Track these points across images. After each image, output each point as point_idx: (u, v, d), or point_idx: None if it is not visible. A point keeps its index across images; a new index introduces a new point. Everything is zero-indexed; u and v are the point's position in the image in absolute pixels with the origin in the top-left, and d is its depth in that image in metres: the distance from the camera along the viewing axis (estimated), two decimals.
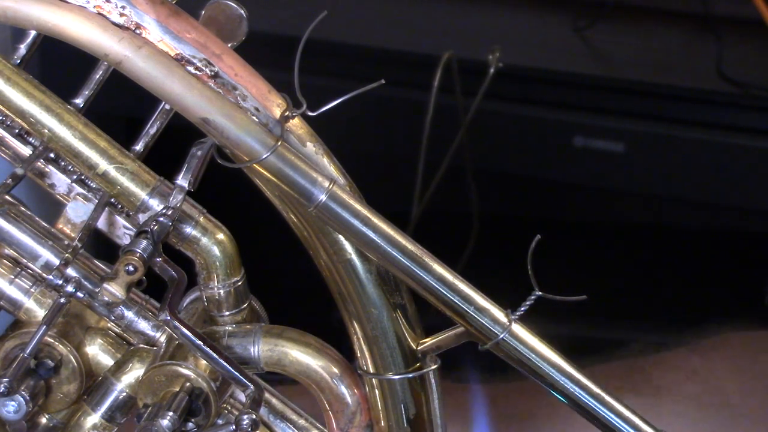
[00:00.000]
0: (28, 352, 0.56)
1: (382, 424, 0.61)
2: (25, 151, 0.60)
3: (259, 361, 0.60)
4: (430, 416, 0.61)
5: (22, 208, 0.60)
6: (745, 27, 1.55)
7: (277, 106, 0.56)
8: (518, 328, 0.58)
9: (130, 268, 0.54)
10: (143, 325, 0.60)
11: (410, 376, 0.60)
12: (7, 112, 0.57)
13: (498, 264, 1.10)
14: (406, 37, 1.62)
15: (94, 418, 0.59)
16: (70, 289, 0.56)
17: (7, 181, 0.58)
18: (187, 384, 0.57)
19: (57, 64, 0.99)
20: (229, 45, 0.58)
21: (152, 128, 0.64)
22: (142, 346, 0.60)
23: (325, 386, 0.61)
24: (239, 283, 0.59)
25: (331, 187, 0.55)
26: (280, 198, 0.57)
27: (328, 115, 0.56)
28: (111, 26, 0.54)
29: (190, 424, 0.57)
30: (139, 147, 0.63)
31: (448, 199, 1.31)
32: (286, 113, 0.56)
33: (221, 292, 0.59)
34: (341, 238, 0.57)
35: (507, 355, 0.58)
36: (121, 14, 0.54)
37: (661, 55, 1.63)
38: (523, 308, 0.58)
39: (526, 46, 1.60)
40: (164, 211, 0.57)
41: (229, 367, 0.56)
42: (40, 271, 0.59)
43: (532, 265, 0.59)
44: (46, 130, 0.57)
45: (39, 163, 0.60)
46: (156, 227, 0.56)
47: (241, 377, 0.56)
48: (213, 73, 0.55)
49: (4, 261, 0.59)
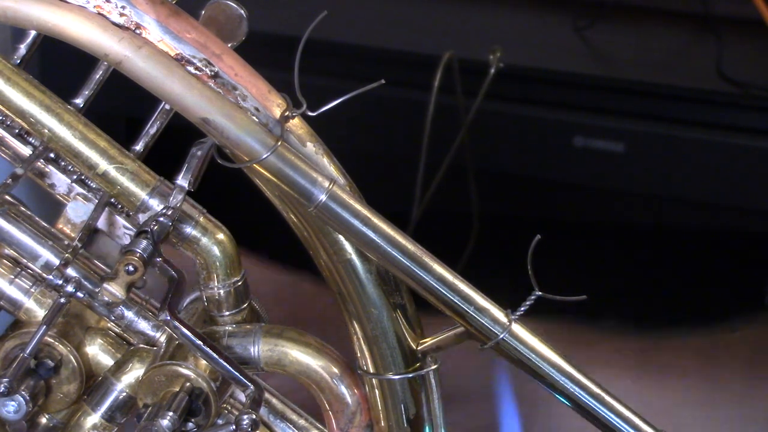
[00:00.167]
0: (28, 352, 0.56)
1: (382, 424, 0.61)
2: (25, 151, 0.60)
3: (259, 361, 0.60)
4: (431, 416, 0.61)
5: (22, 208, 0.60)
6: (745, 27, 1.55)
7: (277, 106, 0.56)
8: (518, 328, 0.58)
9: (130, 268, 0.54)
10: (143, 325, 0.60)
11: (410, 376, 0.60)
12: (7, 112, 0.57)
13: (498, 264, 1.10)
14: (406, 37, 1.62)
15: (94, 418, 0.59)
16: (70, 289, 0.56)
17: (7, 181, 0.58)
18: (187, 384, 0.57)
19: (57, 64, 0.99)
20: (229, 45, 0.58)
21: (152, 128, 0.64)
22: (142, 346, 0.60)
23: (325, 386, 0.61)
24: (239, 283, 0.59)
25: (331, 187, 0.55)
26: (280, 198, 0.57)
27: (328, 115, 0.56)
28: (111, 26, 0.54)
29: (190, 424, 0.57)
30: (139, 147, 0.63)
31: (448, 199, 1.31)
32: (286, 113, 0.56)
33: (221, 292, 0.59)
34: (341, 238, 0.57)
35: (507, 355, 0.58)
36: (121, 14, 0.54)
37: (661, 55, 1.63)
38: (523, 308, 0.58)
39: (526, 46, 1.60)
40: (164, 211, 0.57)
41: (229, 367, 0.56)
42: (40, 271, 0.59)
43: (532, 265, 0.59)
44: (46, 130, 0.57)
45: (39, 163, 0.60)
46: (156, 227, 0.56)
47: (241, 377, 0.56)
48: (213, 73, 0.55)
49: (4, 261, 0.59)
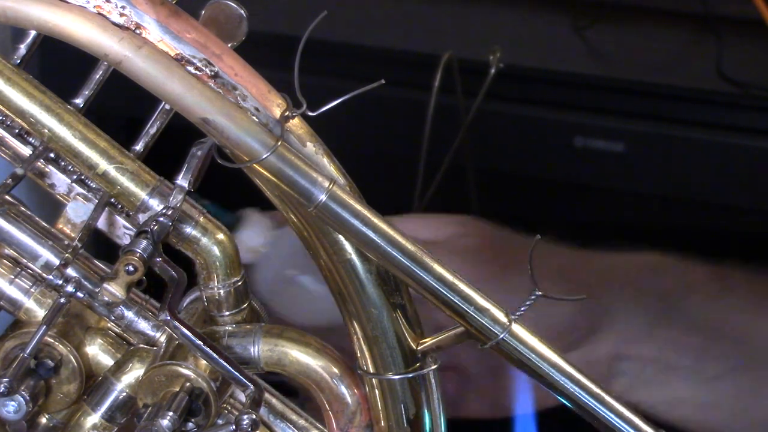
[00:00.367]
0: (28, 352, 0.56)
1: (382, 424, 0.61)
2: (25, 151, 0.60)
3: (259, 361, 0.60)
4: (431, 416, 0.60)
5: (22, 208, 0.60)
6: (745, 27, 1.54)
7: (277, 106, 0.56)
8: (518, 328, 0.57)
9: (130, 268, 0.54)
10: (143, 325, 0.60)
11: (410, 376, 0.60)
12: (7, 112, 0.57)
13: None
14: (406, 37, 1.62)
15: (94, 418, 0.59)
16: (70, 289, 0.56)
17: (7, 181, 0.58)
18: (187, 384, 0.57)
19: (57, 64, 0.99)
20: (229, 45, 0.58)
21: (152, 128, 0.64)
22: (142, 346, 0.60)
23: (325, 386, 0.61)
24: (239, 283, 0.59)
25: (331, 187, 0.55)
26: (280, 198, 0.57)
27: (328, 115, 0.56)
28: (111, 26, 0.54)
29: (190, 424, 0.57)
30: (139, 147, 0.63)
31: (448, 199, 1.31)
32: (286, 113, 0.56)
33: (221, 292, 0.59)
34: (341, 238, 0.57)
35: (507, 355, 0.58)
36: (121, 14, 0.54)
37: (661, 55, 1.63)
38: (523, 308, 0.58)
39: (526, 46, 1.61)
40: (164, 211, 0.57)
41: (229, 367, 0.56)
42: (40, 271, 0.59)
43: (532, 265, 0.59)
44: (46, 130, 0.57)
45: (39, 163, 0.60)
46: (156, 227, 0.56)
47: (241, 377, 0.56)
48: (213, 73, 0.55)
49: (4, 261, 0.59)
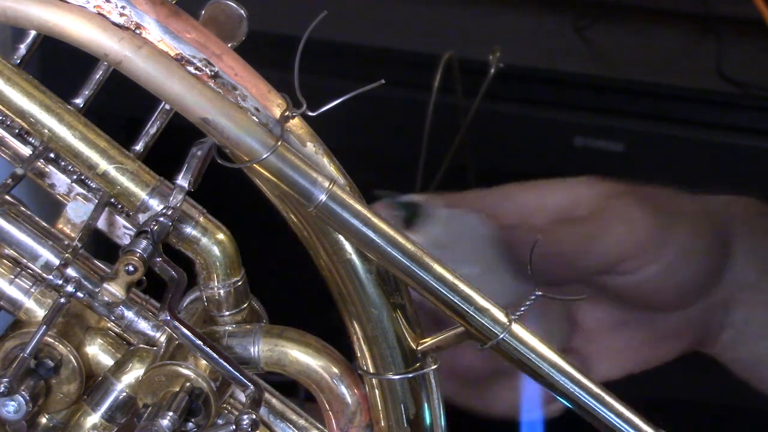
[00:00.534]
0: (28, 352, 0.56)
1: (382, 424, 0.61)
2: (25, 151, 0.60)
3: (259, 361, 0.60)
4: (431, 416, 0.60)
5: (22, 208, 0.60)
6: (745, 27, 1.55)
7: (277, 106, 0.56)
8: (518, 328, 0.57)
9: (130, 268, 0.54)
10: (143, 325, 0.60)
11: (410, 376, 0.59)
12: (7, 112, 0.57)
13: None
14: (406, 37, 1.62)
15: (94, 418, 0.59)
16: (70, 289, 0.56)
17: (7, 181, 0.58)
18: (187, 384, 0.57)
19: (57, 64, 0.99)
20: (229, 45, 0.58)
21: (152, 128, 0.64)
22: (142, 346, 0.60)
23: (325, 386, 0.61)
24: (239, 283, 0.59)
25: (331, 187, 0.55)
26: (280, 198, 0.57)
27: (328, 115, 0.56)
28: (111, 26, 0.54)
29: (190, 424, 0.56)
30: (139, 147, 0.63)
31: None
32: (286, 113, 0.56)
33: (221, 292, 0.59)
34: (341, 238, 0.57)
35: (507, 356, 0.58)
36: (121, 14, 0.54)
37: (661, 55, 1.63)
38: (523, 308, 0.58)
39: (526, 46, 1.61)
40: (164, 211, 0.57)
41: (229, 367, 0.56)
42: (40, 271, 0.59)
43: (532, 265, 0.59)
44: (46, 130, 0.57)
45: (39, 163, 0.60)
46: (156, 227, 0.56)
47: (241, 377, 0.56)
48: (213, 73, 0.55)
49: (4, 261, 0.59)
